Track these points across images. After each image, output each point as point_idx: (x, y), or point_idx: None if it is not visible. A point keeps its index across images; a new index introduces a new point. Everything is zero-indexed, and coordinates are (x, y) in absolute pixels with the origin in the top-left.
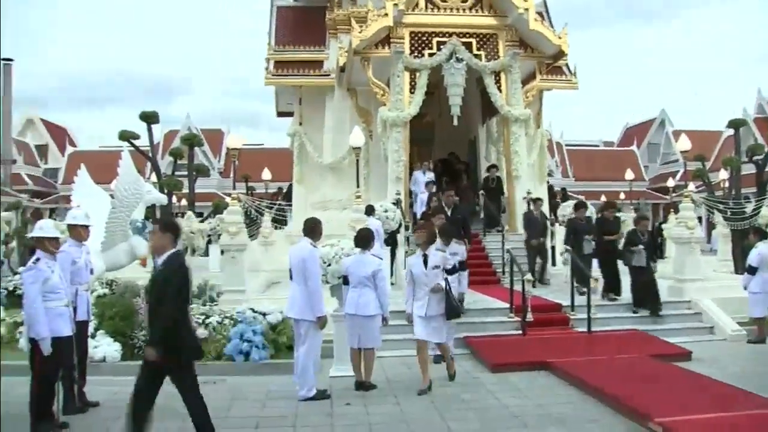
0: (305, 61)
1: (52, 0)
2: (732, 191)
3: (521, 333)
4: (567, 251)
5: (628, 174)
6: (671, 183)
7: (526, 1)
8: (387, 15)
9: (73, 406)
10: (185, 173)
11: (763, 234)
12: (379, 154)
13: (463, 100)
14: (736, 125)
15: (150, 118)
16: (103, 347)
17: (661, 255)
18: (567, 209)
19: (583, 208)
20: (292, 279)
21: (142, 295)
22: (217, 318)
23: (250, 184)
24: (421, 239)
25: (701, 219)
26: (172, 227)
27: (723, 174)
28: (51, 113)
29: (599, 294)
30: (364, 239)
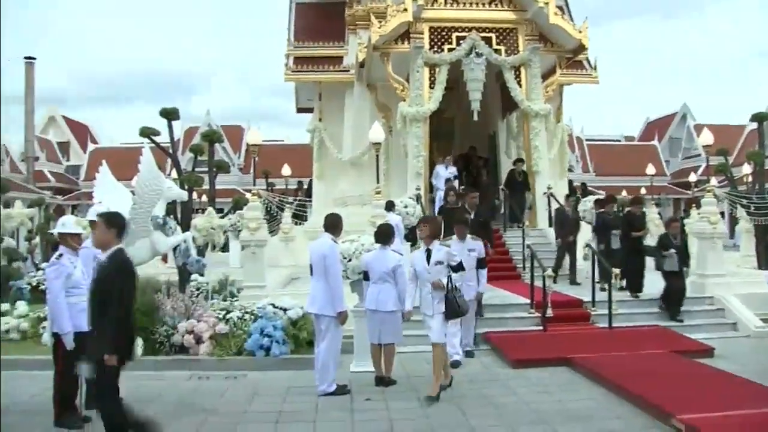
0: (325, 57)
1: None
2: (755, 186)
3: (542, 329)
4: (587, 246)
5: (649, 169)
6: (693, 178)
7: None
8: (406, 10)
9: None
10: (206, 169)
11: None
12: (399, 149)
13: (483, 95)
14: (759, 119)
15: (170, 114)
16: None
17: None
18: (588, 204)
19: (612, 202)
20: (312, 274)
21: (163, 291)
22: (238, 313)
23: (270, 180)
24: (425, 233)
25: (724, 214)
26: (117, 222)
27: (746, 168)
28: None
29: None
30: (384, 235)
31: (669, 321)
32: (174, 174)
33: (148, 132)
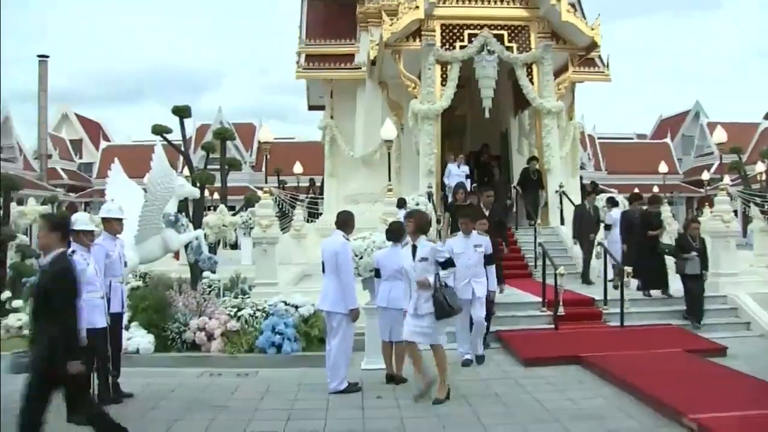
0: (336, 55)
1: None
2: None
3: (553, 327)
4: (599, 245)
5: (661, 167)
6: (706, 176)
7: None
8: (418, 8)
9: (108, 396)
10: (217, 167)
11: None
12: (411, 147)
13: (495, 92)
14: None
15: (182, 112)
16: (137, 339)
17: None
18: (600, 202)
19: (638, 200)
20: (324, 272)
21: (175, 288)
22: (249, 311)
23: (281, 177)
24: (410, 228)
25: (737, 212)
26: (60, 226)
27: (760, 166)
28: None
29: (633, 287)
30: (395, 232)
31: (683, 319)
32: (186, 171)
33: (160, 129)
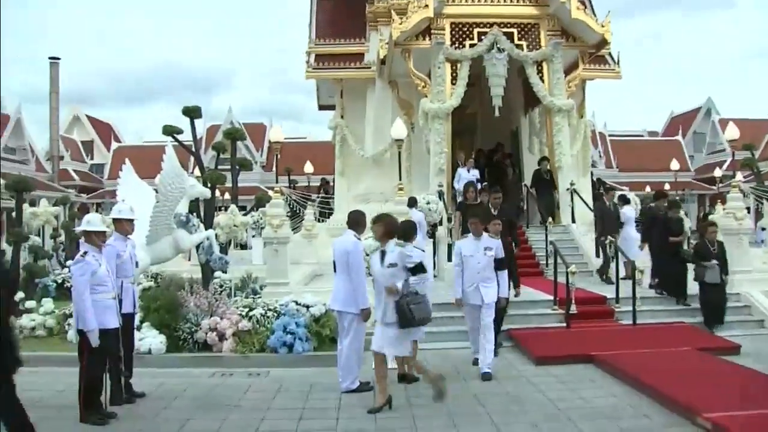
0: (346, 54)
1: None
2: None
3: (565, 325)
4: (611, 242)
5: (673, 164)
6: (718, 173)
7: None
8: (427, 6)
9: (120, 396)
10: (228, 167)
11: None
12: (421, 146)
13: (505, 90)
14: None
15: (192, 112)
16: (149, 339)
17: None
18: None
19: (664, 197)
20: (335, 271)
21: (186, 288)
22: (261, 310)
23: (292, 177)
24: (377, 233)
25: (749, 209)
26: None
27: None
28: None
29: (645, 285)
30: (406, 232)
31: (696, 317)
32: (197, 172)
33: (171, 130)
